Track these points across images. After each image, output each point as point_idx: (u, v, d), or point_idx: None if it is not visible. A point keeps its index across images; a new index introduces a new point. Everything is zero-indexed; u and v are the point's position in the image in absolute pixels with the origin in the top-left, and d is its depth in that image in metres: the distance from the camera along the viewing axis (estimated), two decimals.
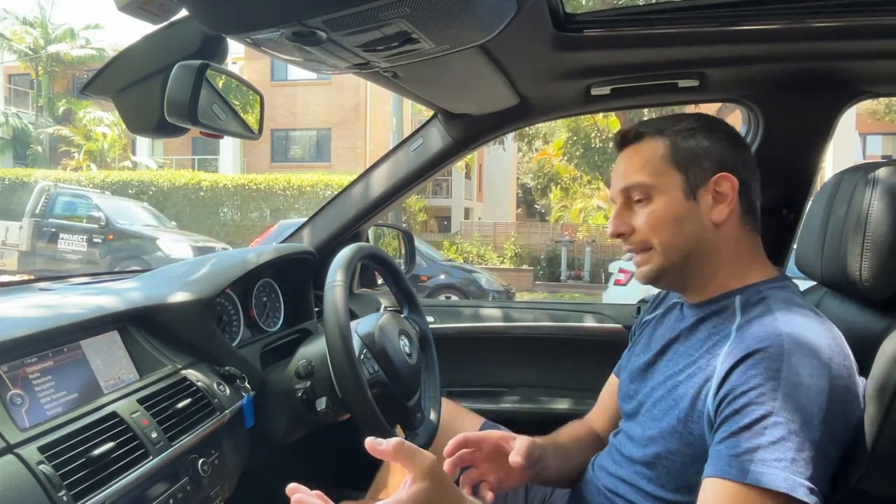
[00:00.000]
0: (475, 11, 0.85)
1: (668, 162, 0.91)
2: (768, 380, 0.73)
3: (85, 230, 9.96)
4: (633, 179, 0.92)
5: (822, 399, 0.72)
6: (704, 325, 0.90)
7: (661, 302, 1.09)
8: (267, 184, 14.62)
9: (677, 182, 0.90)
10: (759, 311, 0.83)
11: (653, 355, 0.97)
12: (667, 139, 0.92)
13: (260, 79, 16.21)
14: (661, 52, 1.21)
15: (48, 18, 20.16)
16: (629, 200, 0.93)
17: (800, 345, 0.75)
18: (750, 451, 0.71)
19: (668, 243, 0.90)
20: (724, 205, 0.89)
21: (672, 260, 0.90)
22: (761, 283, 0.89)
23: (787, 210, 1.37)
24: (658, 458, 0.88)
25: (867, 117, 15.20)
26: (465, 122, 1.51)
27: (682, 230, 0.89)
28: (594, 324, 1.69)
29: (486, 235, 16.12)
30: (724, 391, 0.77)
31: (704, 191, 0.89)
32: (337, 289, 1.06)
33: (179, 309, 1.09)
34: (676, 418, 0.85)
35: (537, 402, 1.69)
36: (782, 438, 0.70)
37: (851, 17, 1.06)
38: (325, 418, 1.13)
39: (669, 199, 0.90)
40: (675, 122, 0.94)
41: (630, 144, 0.95)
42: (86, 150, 17.22)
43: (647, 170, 0.91)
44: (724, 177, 0.89)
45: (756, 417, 0.72)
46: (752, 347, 0.76)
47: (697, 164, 0.90)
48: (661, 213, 0.90)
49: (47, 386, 0.83)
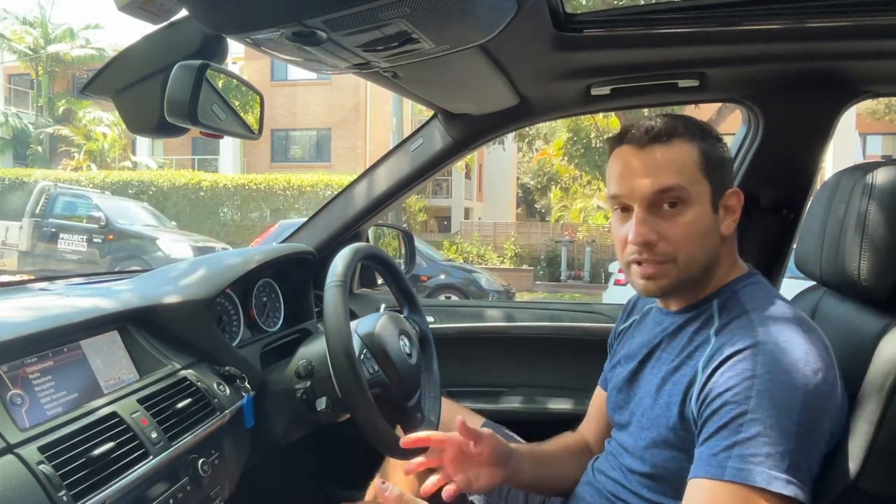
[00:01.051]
0: (475, 11, 0.86)
1: (701, 170, 0.85)
2: (744, 380, 0.74)
3: (85, 230, 9.96)
4: (673, 181, 0.83)
5: (799, 393, 0.73)
6: (685, 330, 0.90)
7: (633, 309, 1.09)
8: (267, 184, 14.61)
9: (707, 193, 0.85)
10: (735, 312, 0.84)
11: (637, 364, 0.97)
12: (699, 144, 0.86)
13: (260, 79, 16.21)
14: (661, 52, 1.21)
15: (48, 18, 20.15)
16: (658, 205, 0.85)
17: (775, 343, 0.76)
18: (727, 449, 0.73)
19: (693, 257, 0.85)
20: (731, 219, 0.89)
21: (691, 274, 0.86)
22: (733, 281, 0.90)
23: (787, 210, 1.37)
24: (657, 469, 0.88)
25: (867, 117, 15.19)
26: (465, 122, 1.51)
27: (707, 244, 0.86)
28: (594, 324, 1.69)
29: (486, 235, 16.11)
30: (704, 394, 0.78)
31: (721, 204, 0.87)
32: (337, 289, 1.06)
33: (179, 309, 1.09)
34: (666, 426, 0.85)
35: (537, 402, 1.69)
36: (758, 434, 0.71)
37: (851, 17, 1.06)
38: (325, 418, 1.13)
39: (702, 210, 0.85)
40: (699, 128, 0.88)
41: (659, 143, 0.86)
42: (86, 150, 17.21)
43: (684, 175, 0.84)
44: (736, 192, 0.89)
45: (733, 416, 0.73)
46: (729, 351, 0.78)
47: (721, 176, 0.87)
48: (695, 225, 0.84)
49: (47, 386, 0.83)
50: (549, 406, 1.68)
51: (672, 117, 0.88)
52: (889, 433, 0.73)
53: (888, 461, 0.74)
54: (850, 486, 0.75)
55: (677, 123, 0.87)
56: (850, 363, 0.83)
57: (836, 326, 0.95)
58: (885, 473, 0.74)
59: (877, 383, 0.76)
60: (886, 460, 0.74)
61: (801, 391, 0.73)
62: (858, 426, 0.76)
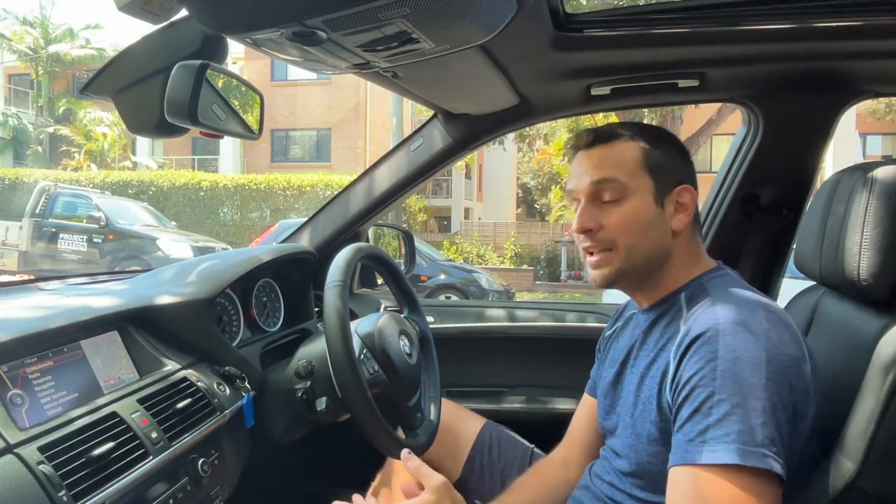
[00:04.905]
0: (475, 11, 0.86)
1: (642, 166, 0.92)
2: (708, 362, 0.76)
3: (85, 230, 9.96)
4: (610, 174, 0.92)
5: (761, 368, 0.74)
6: (657, 326, 0.93)
7: (621, 315, 1.11)
8: (267, 184, 14.61)
9: (649, 187, 0.92)
10: (702, 302, 0.86)
11: (619, 367, 1.00)
12: (640, 144, 0.93)
13: (260, 79, 16.21)
14: (661, 52, 1.21)
15: (48, 18, 20.15)
16: (598, 197, 0.93)
17: (734, 323, 0.78)
18: (701, 433, 0.74)
19: (634, 246, 0.91)
20: (684, 214, 0.93)
21: (633, 263, 0.92)
22: (702, 275, 0.93)
23: (787, 210, 1.37)
24: (642, 466, 0.89)
25: (867, 117, 15.17)
26: (465, 122, 1.51)
27: (648, 235, 0.92)
28: (594, 324, 1.69)
29: (486, 235, 16.10)
30: (675, 383, 0.81)
31: (669, 199, 0.92)
32: (337, 289, 1.06)
33: (179, 309, 1.09)
34: (649, 421, 0.87)
35: (537, 402, 1.69)
36: (727, 414, 0.73)
37: (851, 17, 1.06)
38: (325, 418, 1.13)
39: (641, 203, 0.91)
40: (643, 130, 0.96)
41: (602, 144, 0.95)
42: (86, 150, 17.20)
43: (622, 170, 0.92)
44: (687, 188, 0.94)
45: (702, 400, 0.75)
46: (693, 336, 0.80)
47: (665, 172, 0.93)
48: (634, 215, 0.91)
49: (47, 386, 0.83)
50: (548, 406, 1.68)
51: (619, 123, 0.99)
52: (888, 433, 0.73)
53: (888, 461, 0.74)
54: (850, 485, 0.75)
55: (620, 127, 0.96)
56: (850, 363, 0.83)
57: (836, 326, 0.96)
58: (885, 473, 0.74)
59: (876, 383, 0.76)
60: (886, 460, 0.74)
61: (763, 366, 0.74)
62: (857, 426, 0.76)
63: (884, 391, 0.74)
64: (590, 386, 1.17)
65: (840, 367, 0.87)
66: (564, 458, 1.16)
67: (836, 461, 0.77)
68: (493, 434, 1.30)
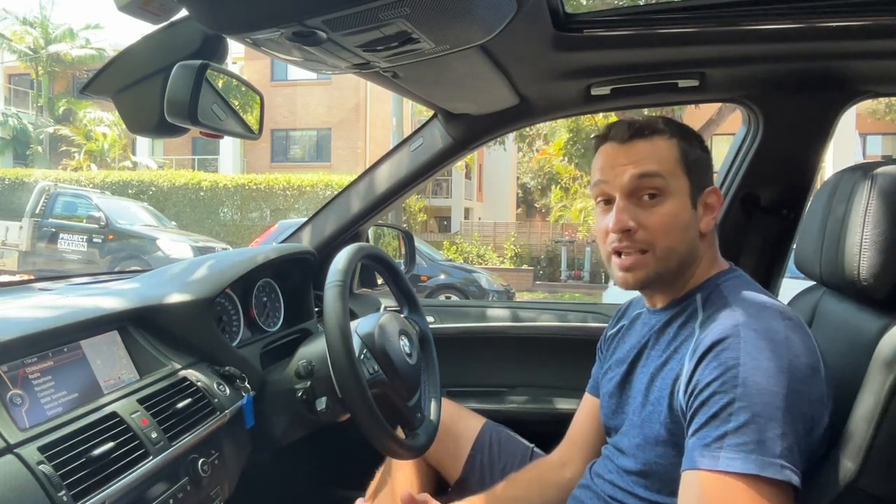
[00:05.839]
0: (475, 11, 0.86)
1: (680, 165, 0.89)
2: (729, 369, 0.75)
3: (85, 230, 9.96)
4: (653, 168, 0.88)
5: (783, 378, 0.73)
6: (671, 326, 0.92)
7: (623, 315, 1.10)
8: (267, 184, 14.61)
9: (686, 187, 0.89)
10: (717, 305, 0.85)
11: (627, 367, 0.98)
12: (678, 142, 0.90)
13: (260, 79, 16.20)
14: (661, 52, 1.21)
15: (48, 18, 20.14)
16: (638, 193, 0.88)
17: (756, 331, 0.77)
18: (719, 439, 0.73)
19: (672, 249, 0.88)
20: (711, 217, 0.92)
21: (668, 266, 0.89)
22: (716, 276, 0.92)
23: (787, 210, 1.37)
24: (649, 466, 0.89)
25: (867, 117, 15.17)
26: (465, 122, 1.51)
27: (685, 237, 0.89)
28: (594, 324, 1.69)
29: (486, 235, 16.10)
30: (691, 387, 0.79)
31: (700, 201, 0.91)
32: (337, 289, 1.06)
33: (179, 309, 1.09)
34: (658, 422, 0.86)
35: (538, 402, 1.69)
36: (747, 422, 0.72)
37: (851, 17, 1.06)
38: (325, 418, 1.13)
39: (680, 204, 0.88)
40: (680, 128, 0.93)
41: (640, 138, 0.90)
42: (86, 150, 17.20)
43: (664, 166, 0.88)
44: (714, 190, 0.92)
45: (721, 406, 0.74)
46: (711, 341, 0.79)
47: (698, 173, 0.91)
48: (673, 217, 0.88)
49: (47, 386, 0.83)
50: (548, 406, 1.68)
51: (656, 118, 0.94)
52: (888, 433, 0.73)
53: (887, 461, 0.74)
54: (850, 485, 0.75)
55: (658, 121, 0.92)
56: (850, 363, 0.83)
57: (836, 326, 0.95)
58: (885, 473, 0.74)
59: (876, 383, 0.76)
60: (886, 460, 0.74)
61: (784, 375, 0.74)
62: (858, 426, 0.76)
63: (884, 391, 0.74)
64: (591, 385, 1.17)
65: (840, 368, 0.87)
66: (562, 459, 1.16)
67: (836, 461, 0.77)
68: (494, 434, 1.31)
